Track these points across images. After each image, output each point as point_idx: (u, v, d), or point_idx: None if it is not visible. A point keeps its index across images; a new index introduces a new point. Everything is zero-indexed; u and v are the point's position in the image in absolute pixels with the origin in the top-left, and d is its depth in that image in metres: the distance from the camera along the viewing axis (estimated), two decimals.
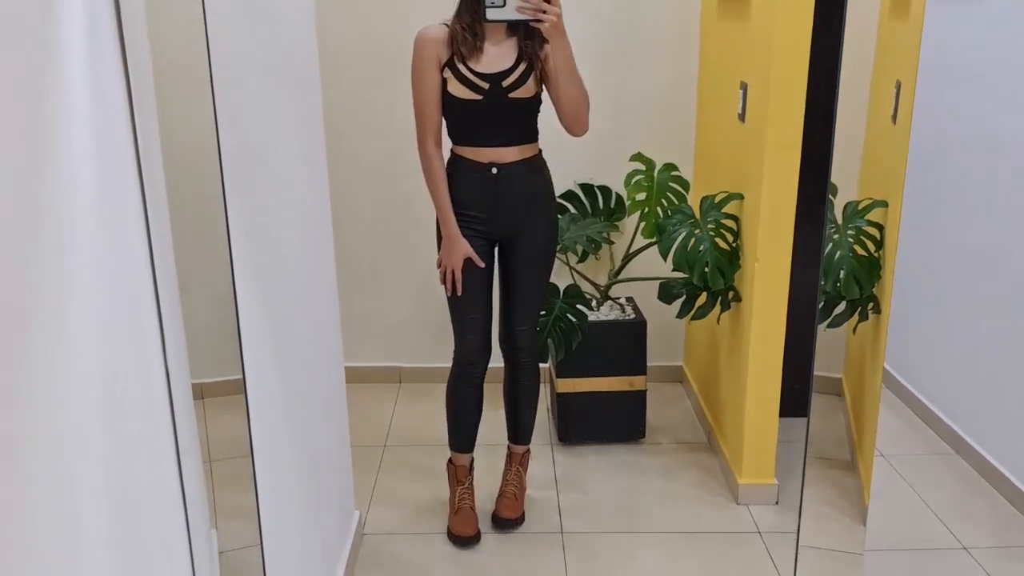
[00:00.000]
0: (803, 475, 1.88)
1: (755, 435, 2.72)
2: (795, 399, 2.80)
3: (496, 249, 2.49)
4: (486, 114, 2.29)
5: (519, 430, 2.69)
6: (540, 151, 2.43)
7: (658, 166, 3.03)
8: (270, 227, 1.71)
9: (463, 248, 2.37)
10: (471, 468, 2.68)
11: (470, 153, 2.35)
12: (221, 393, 1.78)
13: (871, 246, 2.55)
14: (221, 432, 1.89)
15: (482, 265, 2.40)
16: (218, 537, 1.81)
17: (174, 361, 1.31)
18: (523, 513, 2.66)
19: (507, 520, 2.62)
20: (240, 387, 1.73)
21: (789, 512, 2.71)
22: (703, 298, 2.83)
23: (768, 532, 2.61)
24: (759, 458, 2.74)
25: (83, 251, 0.99)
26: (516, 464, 2.71)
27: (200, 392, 1.69)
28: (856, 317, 2.61)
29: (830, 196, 2.53)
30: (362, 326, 3.53)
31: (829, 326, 2.63)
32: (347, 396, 2.48)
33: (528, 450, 2.73)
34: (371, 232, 3.48)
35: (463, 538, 2.56)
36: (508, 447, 2.73)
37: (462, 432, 2.63)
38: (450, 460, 2.69)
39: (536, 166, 2.41)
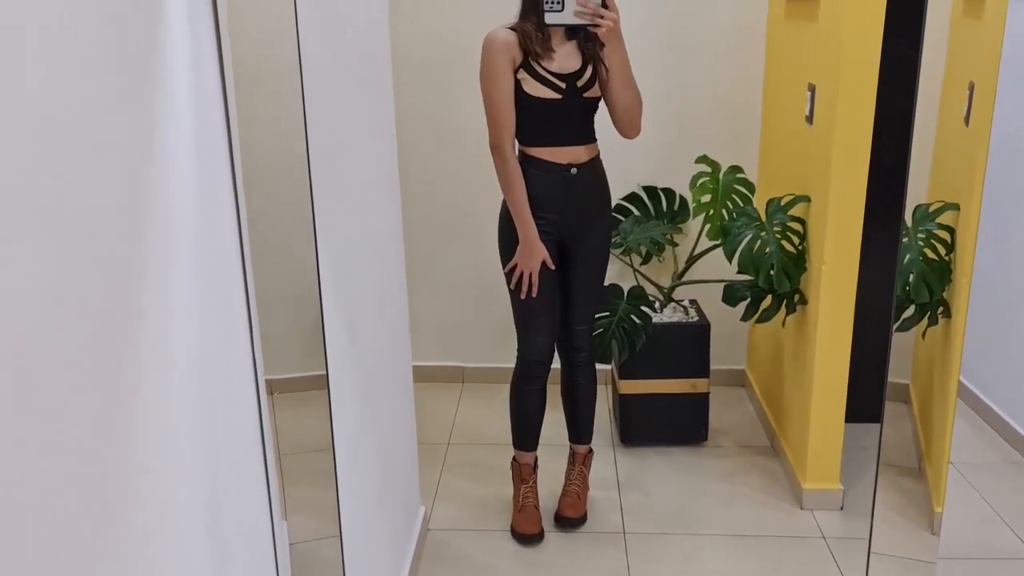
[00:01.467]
0: (875, 481, 1.87)
1: (820, 439, 2.69)
2: (863, 404, 2.77)
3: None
4: (563, 113, 2.32)
5: (580, 430, 2.71)
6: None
7: (723, 168, 3.03)
8: (348, 228, 1.76)
9: (542, 252, 2.38)
10: (535, 467, 2.71)
11: (547, 154, 2.36)
12: (288, 389, 1.84)
13: (942, 250, 2.52)
14: (289, 427, 1.95)
15: (553, 268, 2.42)
16: (288, 529, 1.87)
17: (259, 356, 1.36)
18: (585, 512, 2.67)
19: (569, 519, 2.64)
20: (313, 383, 1.79)
21: (854, 518, 2.69)
22: (768, 301, 2.82)
23: (833, 537, 2.59)
24: (824, 463, 2.72)
25: (182, 251, 1.04)
26: (579, 464, 2.72)
27: (269, 388, 1.75)
28: (925, 321, 2.57)
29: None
30: (426, 325, 3.58)
31: (898, 330, 2.60)
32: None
33: (591, 450, 2.74)
34: (436, 232, 3.53)
35: (527, 536, 2.58)
36: (570, 447, 2.75)
37: (526, 431, 2.66)
38: (514, 459, 2.72)
39: (601, 166, 2.45)
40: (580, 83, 2.30)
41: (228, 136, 1.16)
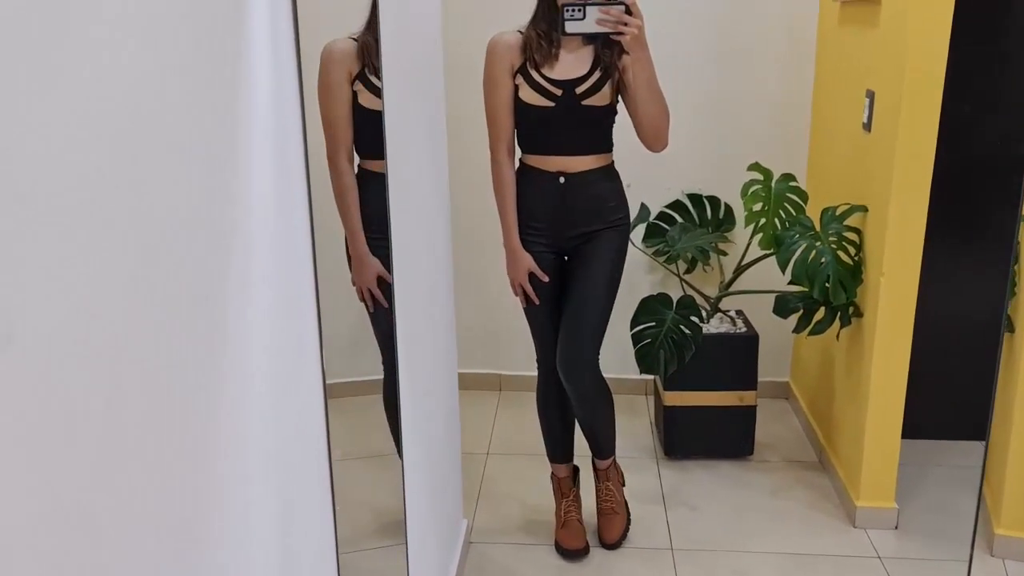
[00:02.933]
0: (978, 504, 1.79)
1: (875, 456, 2.62)
2: (917, 419, 2.69)
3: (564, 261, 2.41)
4: (558, 122, 2.24)
5: (599, 443, 2.57)
6: (612, 162, 2.34)
7: (775, 176, 2.96)
8: (412, 233, 1.72)
9: (525, 261, 2.32)
10: (575, 479, 2.64)
11: (539, 162, 2.29)
12: (337, 395, 1.80)
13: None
14: (338, 433, 1.91)
15: (546, 279, 2.34)
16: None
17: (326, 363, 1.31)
18: (625, 530, 2.58)
19: (610, 543, 2.55)
20: (360, 389, 1.75)
21: (909, 537, 2.61)
22: (821, 313, 2.75)
23: (889, 558, 2.51)
24: (878, 480, 2.64)
25: (261, 255, 1.00)
26: (603, 480, 2.60)
27: (331, 391, 1.71)
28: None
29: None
30: (464, 332, 3.53)
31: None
32: None
33: (614, 461, 2.61)
34: (474, 239, 3.48)
35: (572, 551, 2.52)
36: (592, 463, 2.62)
37: (554, 443, 2.59)
38: (552, 473, 2.65)
39: (607, 176, 2.32)
40: (580, 90, 2.20)
41: (304, 138, 1.12)
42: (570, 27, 2.08)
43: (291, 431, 1.13)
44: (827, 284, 2.62)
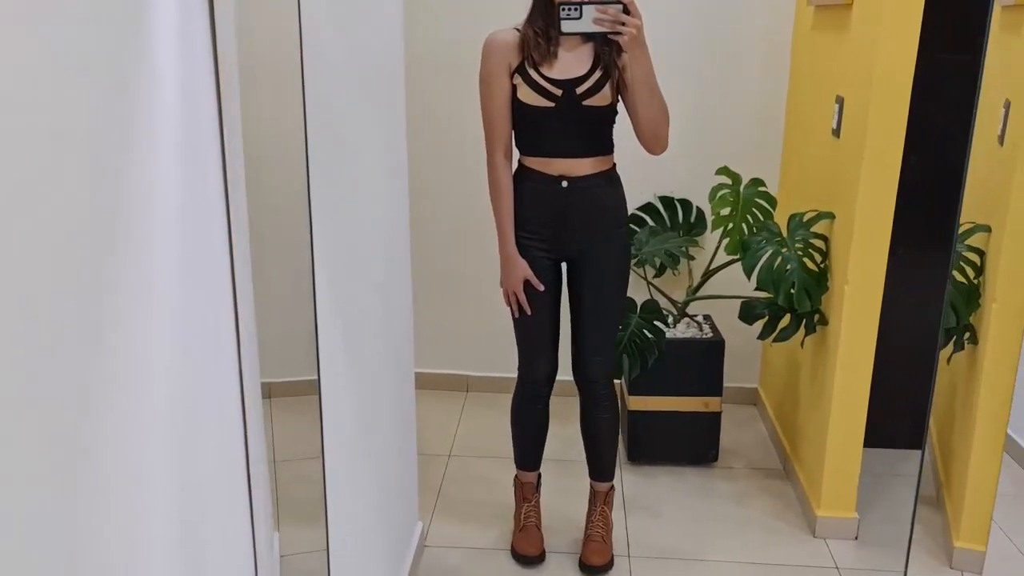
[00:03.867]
0: (913, 514, 1.76)
1: (836, 465, 2.59)
2: (880, 429, 2.67)
3: (565, 270, 2.35)
4: (558, 123, 2.16)
5: (602, 466, 2.51)
6: (614, 165, 2.28)
7: (744, 181, 2.93)
8: (351, 231, 1.67)
9: (522, 268, 2.24)
10: (538, 485, 2.61)
11: (539, 164, 2.21)
12: (288, 393, 1.75)
13: (971, 272, 2.41)
14: (286, 432, 1.86)
15: (541, 288, 2.26)
16: (280, 540, 1.78)
17: (247, 361, 1.27)
18: (612, 557, 2.47)
19: (595, 567, 2.44)
20: (308, 388, 1.70)
21: (869, 548, 2.58)
22: (787, 320, 2.72)
23: (847, 568, 2.48)
24: (839, 490, 2.61)
25: (164, 249, 0.95)
26: (601, 504, 2.51)
27: (268, 391, 1.66)
28: (951, 347, 2.47)
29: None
30: (431, 332, 3.49)
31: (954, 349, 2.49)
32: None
33: (612, 487, 2.55)
34: (445, 239, 3.44)
35: (526, 557, 2.48)
36: (591, 485, 2.54)
37: (527, 452, 2.54)
38: (516, 476, 2.61)
39: (610, 181, 2.26)
40: (581, 90, 2.13)
41: (220, 129, 1.07)
42: (566, 26, 2.02)
43: (202, 432, 1.08)
44: (792, 291, 2.59)
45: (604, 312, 2.34)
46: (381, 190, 1.95)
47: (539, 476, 2.61)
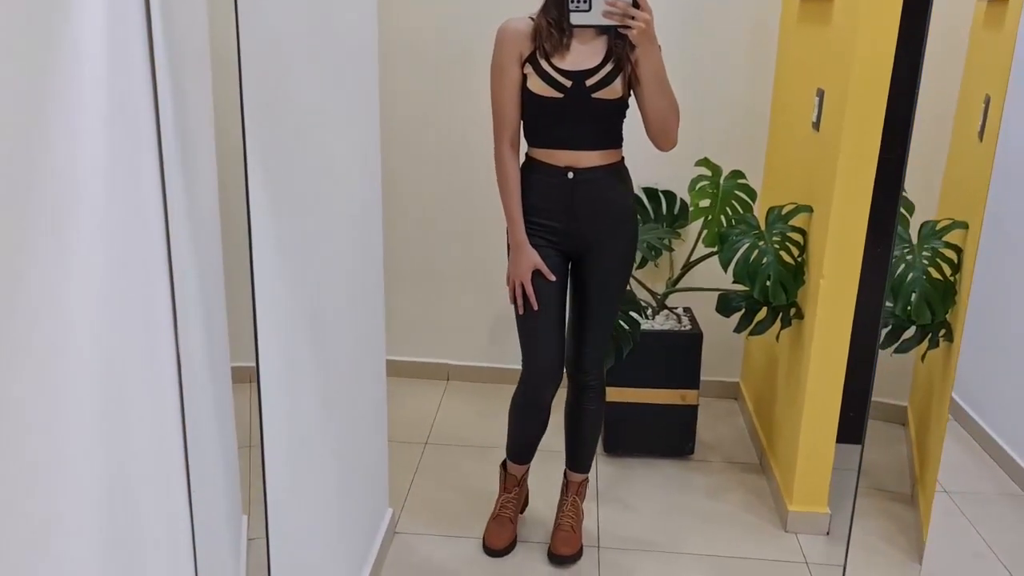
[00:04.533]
0: (853, 506, 1.76)
1: (809, 460, 2.58)
2: (853, 425, 2.66)
3: (570, 263, 2.32)
4: (567, 114, 2.14)
5: (580, 457, 2.50)
6: (623, 159, 2.26)
7: (724, 173, 2.91)
8: (308, 215, 1.66)
9: (531, 258, 2.21)
10: (524, 479, 2.59)
11: (546, 156, 2.19)
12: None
13: (947, 269, 2.40)
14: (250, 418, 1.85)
15: (552, 278, 2.23)
16: (249, 524, 1.78)
17: (204, 345, 1.26)
18: (581, 547, 2.47)
19: (564, 556, 2.43)
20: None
21: (840, 543, 2.57)
22: (763, 313, 2.70)
23: (816, 564, 2.47)
24: (812, 484, 2.60)
25: (87, 220, 0.94)
26: (573, 494, 2.51)
27: (249, 376, 1.65)
28: (926, 344, 2.46)
29: (905, 214, 2.39)
30: (413, 320, 3.49)
31: (896, 351, 2.48)
32: (392, 390, 2.43)
33: (587, 479, 2.55)
34: (429, 227, 3.43)
35: (493, 550, 2.48)
36: (565, 474, 2.54)
37: (522, 447, 2.51)
38: (504, 463, 2.58)
39: (617, 174, 2.24)
40: (591, 82, 2.10)
41: (155, 107, 1.06)
42: (575, 18, 2.01)
43: (136, 417, 1.08)
44: (768, 284, 2.57)
45: (605, 307, 2.33)
46: (349, 176, 1.94)
47: (527, 470, 2.59)
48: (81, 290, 0.93)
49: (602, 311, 2.33)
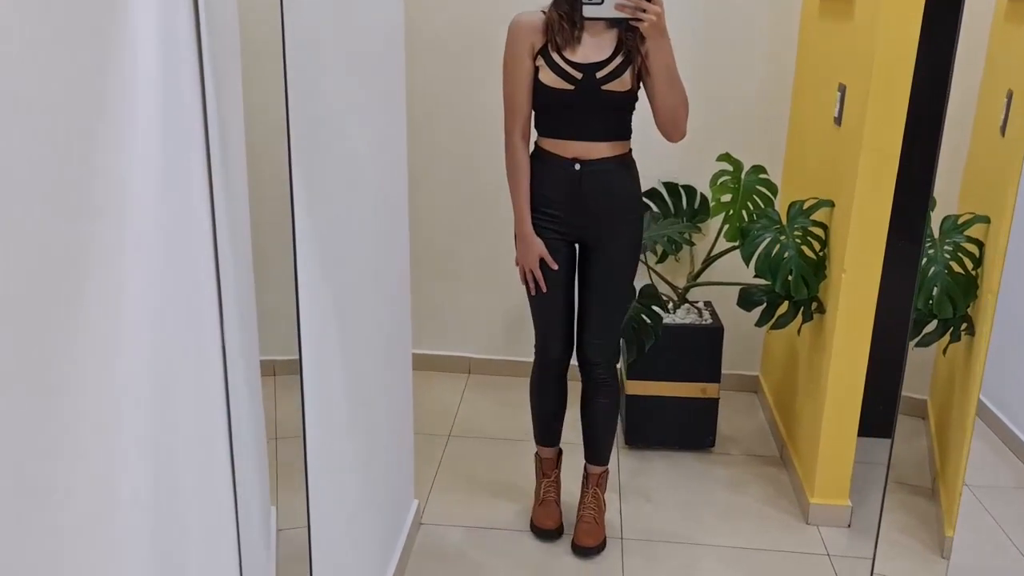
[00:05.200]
0: (883, 500, 1.78)
1: (831, 453, 2.60)
2: (877, 419, 2.67)
3: (578, 252, 2.38)
4: (576, 106, 2.19)
5: (597, 450, 2.53)
6: (630, 150, 2.30)
7: (746, 168, 2.93)
8: (339, 210, 1.69)
9: (537, 247, 2.28)
10: (558, 461, 2.62)
11: (555, 147, 2.24)
12: (292, 372, 1.78)
13: (968, 263, 2.41)
14: (289, 409, 1.89)
15: (555, 267, 2.29)
16: (278, 515, 1.81)
17: (241, 339, 1.30)
18: (604, 538, 2.50)
19: (587, 548, 2.47)
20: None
21: (862, 536, 2.59)
22: (784, 307, 2.72)
23: (838, 556, 2.49)
24: (833, 477, 2.62)
25: (141, 220, 0.98)
26: (593, 486, 2.54)
27: (272, 369, 1.68)
28: (947, 337, 2.47)
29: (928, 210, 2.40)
30: (434, 313, 3.52)
31: (918, 345, 2.49)
32: (414, 383, 2.47)
33: (606, 470, 2.57)
34: (451, 220, 3.46)
35: (544, 530, 2.53)
36: (585, 467, 2.57)
37: (544, 426, 2.57)
38: (537, 453, 2.64)
39: (625, 166, 2.28)
40: (601, 75, 2.14)
41: (203, 100, 1.09)
42: (588, 11, 2.05)
43: (183, 408, 1.11)
44: (789, 278, 2.59)
45: (610, 297, 2.36)
46: (375, 167, 1.97)
47: (559, 453, 2.63)
48: (137, 286, 0.96)
49: (608, 300, 2.36)
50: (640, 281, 2.95)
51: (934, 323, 2.45)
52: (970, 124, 2.61)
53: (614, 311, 2.39)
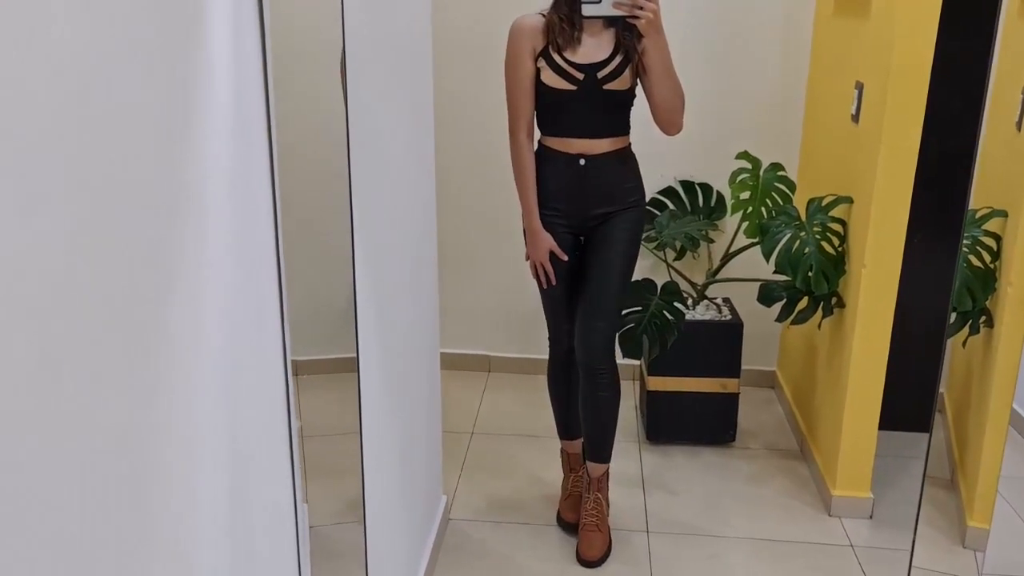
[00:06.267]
0: (921, 492, 1.81)
1: (852, 446, 2.64)
2: (897, 411, 2.71)
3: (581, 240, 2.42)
4: (579, 105, 2.25)
5: (597, 446, 2.48)
6: (630, 144, 2.36)
7: (764, 165, 2.97)
8: (383, 213, 1.74)
9: (547, 241, 2.33)
10: (584, 456, 2.64)
11: (559, 144, 2.30)
12: (314, 371, 1.82)
13: (987, 257, 2.45)
14: (313, 408, 1.93)
15: (565, 258, 2.35)
16: (308, 512, 1.86)
17: (290, 337, 1.34)
18: (609, 547, 2.48)
19: (591, 561, 2.44)
20: (337, 366, 1.77)
21: (883, 527, 2.63)
22: (804, 302, 2.76)
23: (861, 547, 2.53)
24: (855, 470, 2.66)
25: (217, 227, 1.02)
26: (595, 490, 2.49)
27: (294, 369, 1.72)
28: (966, 330, 2.51)
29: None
30: (454, 312, 3.56)
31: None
32: None
33: (608, 469, 2.52)
34: (468, 220, 3.50)
35: (571, 524, 2.57)
36: (585, 466, 2.53)
37: (565, 419, 2.60)
38: (562, 448, 2.67)
39: (624, 158, 2.35)
40: (602, 74, 2.21)
41: (267, 115, 1.14)
42: (587, 10, 2.11)
43: (249, 408, 1.15)
44: (810, 274, 2.63)
45: (607, 282, 2.36)
46: (411, 172, 2.01)
47: (582, 448, 2.63)
48: (214, 289, 1.01)
49: (601, 288, 2.35)
50: (660, 278, 3.00)
51: (953, 316, 2.49)
52: (984, 120, 2.64)
53: (610, 298, 2.38)
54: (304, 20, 1.33)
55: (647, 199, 3.26)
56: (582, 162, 2.29)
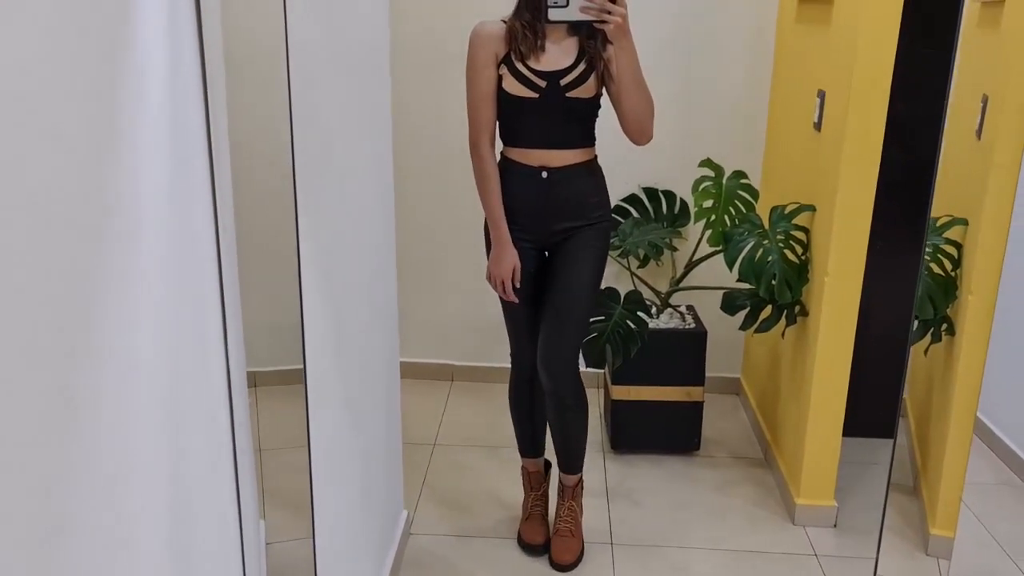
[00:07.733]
0: (885, 500, 1.80)
1: (816, 454, 2.63)
2: (860, 418, 2.71)
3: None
4: (541, 113, 2.18)
5: (568, 458, 2.48)
6: (596, 156, 2.29)
7: (727, 173, 2.96)
8: (335, 221, 1.69)
9: (513, 257, 2.25)
10: (546, 474, 2.61)
11: (520, 155, 2.23)
12: (273, 383, 1.77)
13: (948, 265, 2.45)
14: (271, 421, 1.88)
15: (518, 285, 2.27)
16: (266, 528, 1.80)
17: (233, 351, 1.29)
18: (582, 552, 2.48)
19: (564, 565, 2.44)
20: (294, 377, 1.72)
21: (847, 535, 2.62)
22: (768, 311, 2.75)
23: (825, 555, 2.52)
24: (818, 478, 2.65)
25: (150, 241, 0.97)
26: (569, 498, 2.51)
27: (253, 380, 1.67)
28: (928, 338, 2.51)
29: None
30: (416, 322, 3.51)
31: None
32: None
33: (581, 479, 2.53)
34: (429, 228, 3.46)
35: (531, 545, 2.51)
36: (559, 477, 2.53)
37: (525, 437, 2.56)
38: (523, 467, 2.62)
39: (590, 171, 2.28)
40: (565, 82, 2.15)
41: (207, 122, 1.09)
42: (553, 14, 2.04)
43: (190, 424, 1.10)
44: (773, 282, 2.62)
45: (571, 307, 2.30)
46: (367, 181, 1.97)
47: (547, 465, 2.62)
48: (148, 306, 0.96)
49: (574, 304, 2.29)
50: (623, 287, 2.98)
51: (915, 324, 2.49)
52: (943, 128, 2.65)
53: (586, 314, 2.35)
54: (247, 21, 1.29)
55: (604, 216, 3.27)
56: (544, 175, 2.22)
